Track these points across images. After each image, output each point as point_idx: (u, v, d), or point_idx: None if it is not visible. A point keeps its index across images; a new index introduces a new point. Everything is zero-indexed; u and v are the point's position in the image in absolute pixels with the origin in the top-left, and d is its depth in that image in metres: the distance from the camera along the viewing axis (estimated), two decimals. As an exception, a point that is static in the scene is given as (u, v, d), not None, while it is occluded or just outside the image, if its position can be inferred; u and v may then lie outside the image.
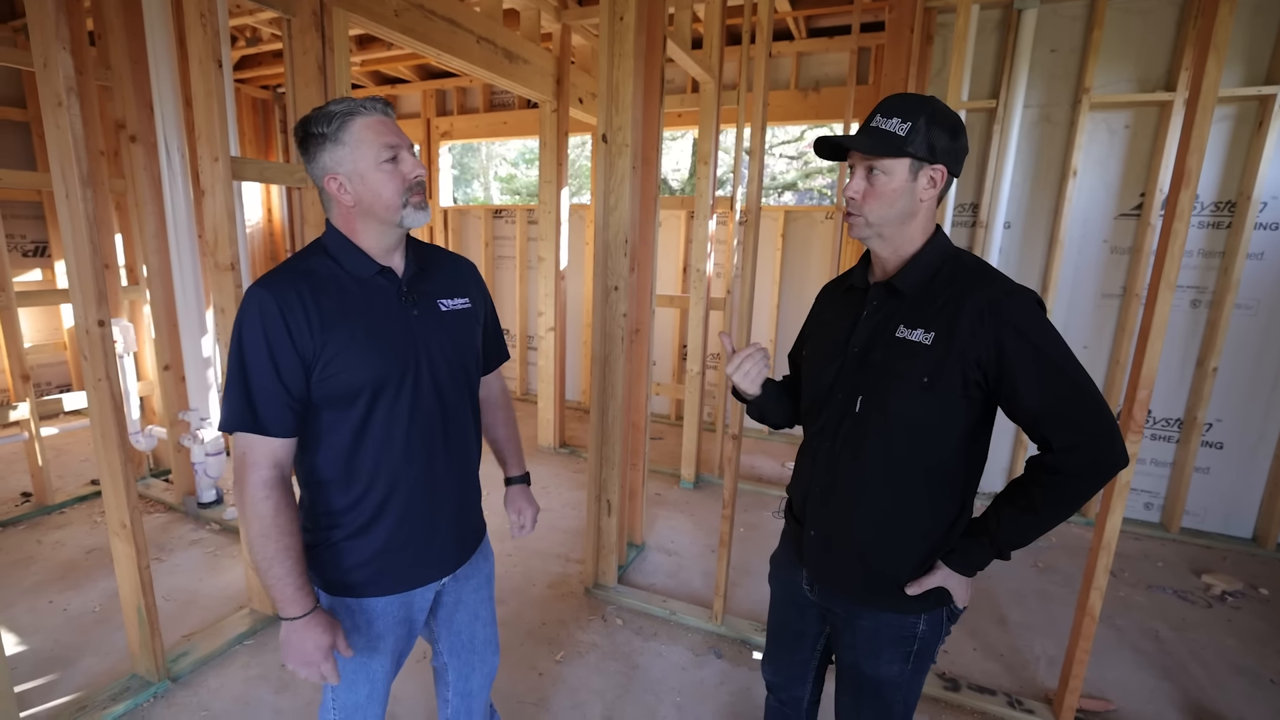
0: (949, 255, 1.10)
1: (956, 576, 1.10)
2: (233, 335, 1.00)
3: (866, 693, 1.21)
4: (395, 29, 2.56)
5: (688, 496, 3.64)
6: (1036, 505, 1.02)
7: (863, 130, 1.06)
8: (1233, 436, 3.16)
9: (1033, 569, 2.88)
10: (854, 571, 1.16)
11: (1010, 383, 0.99)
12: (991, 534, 1.07)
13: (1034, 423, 1.00)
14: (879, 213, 1.06)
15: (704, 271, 3.53)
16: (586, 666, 2.17)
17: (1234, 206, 2.98)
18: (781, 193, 12.02)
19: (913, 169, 1.03)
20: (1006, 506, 1.06)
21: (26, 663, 2.10)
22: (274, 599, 1.03)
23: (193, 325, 2.83)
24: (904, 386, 1.05)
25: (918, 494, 1.10)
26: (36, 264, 4.67)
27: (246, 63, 5.12)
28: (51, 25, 1.58)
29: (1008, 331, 0.98)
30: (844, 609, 1.19)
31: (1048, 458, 1.01)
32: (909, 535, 1.11)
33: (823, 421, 1.16)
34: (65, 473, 3.62)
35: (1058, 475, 0.99)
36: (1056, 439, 0.99)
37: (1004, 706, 1.99)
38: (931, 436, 1.06)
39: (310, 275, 1.05)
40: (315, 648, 1.04)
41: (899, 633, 1.15)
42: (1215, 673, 2.23)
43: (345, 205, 1.06)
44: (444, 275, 1.21)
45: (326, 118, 1.02)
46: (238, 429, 1.00)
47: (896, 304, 1.09)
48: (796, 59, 4.27)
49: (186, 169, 2.68)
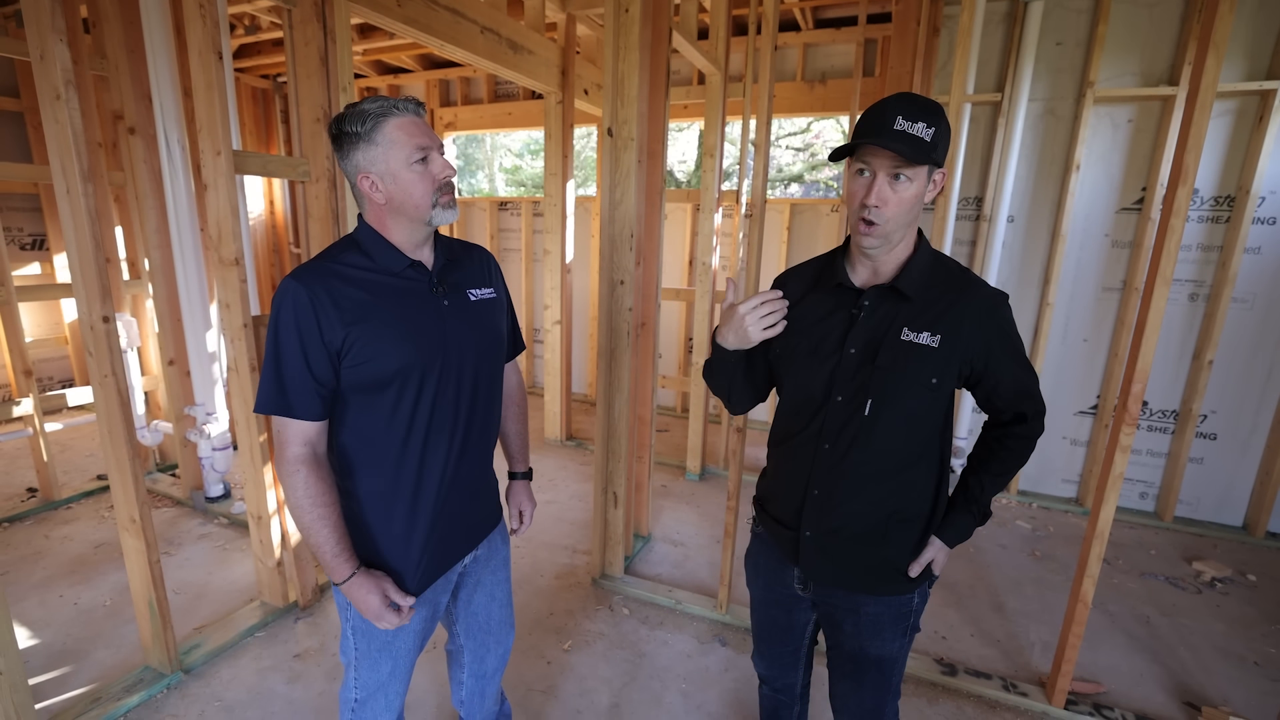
0: (934, 257, 1.15)
1: (946, 549, 1.20)
2: (269, 324, 1.06)
3: (869, 673, 1.26)
4: (398, 19, 2.54)
5: (693, 488, 3.67)
6: (1010, 467, 1.21)
7: (890, 134, 0.99)
8: (1226, 428, 3.20)
9: (1030, 558, 2.93)
10: (860, 564, 1.20)
11: (994, 374, 1.14)
12: (977, 501, 1.21)
13: (1012, 403, 1.17)
14: (899, 220, 1.04)
15: (709, 265, 3.54)
16: (594, 655, 2.20)
17: (1233, 201, 3.00)
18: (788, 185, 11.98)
19: (929, 173, 1.04)
20: (984, 474, 1.22)
21: (39, 656, 2.12)
22: (322, 566, 1.12)
23: (197, 320, 2.82)
24: (915, 388, 1.09)
25: (915, 482, 1.17)
26: (35, 257, 4.63)
27: (245, 51, 5.05)
28: (48, 17, 1.56)
29: (995, 332, 1.11)
30: (844, 600, 1.23)
31: (1020, 428, 1.19)
32: (911, 520, 1.18)
33: (821, 423, 1.15)
34: (70, 468, 3.62)
35: (1026, 439, 1.20)
36: (1029, 411, 1.18)
37: (999, 690, 2.05)
38: (925, 427, 1.14)
39: (342, 269, 1.09)
40: (367, 606, 1.12)
41: (899, 610, 1.22)
42: (1202, 656, 2.29)
43: (377, 203, 1.10)
44: (471, 267, 1.25)
45: (361, 117, 1.05)
46: (271, 412, 1.07)
47: (898, 307, 1.11)
48: (803, 50, 4.25)
49: (187, 162, 2.66)
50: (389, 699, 1.27)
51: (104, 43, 2.81)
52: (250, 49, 5.03)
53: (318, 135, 2.27)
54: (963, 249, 3.47)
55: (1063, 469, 3.53)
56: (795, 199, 4.70)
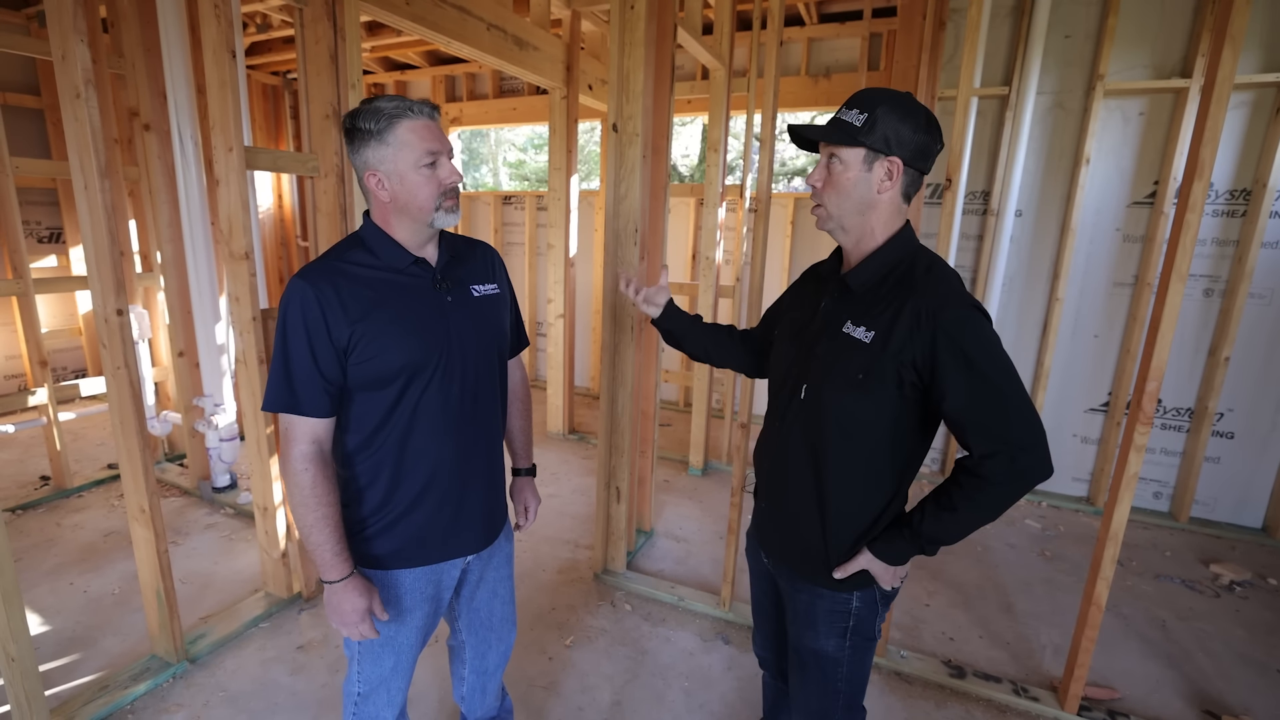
0: (908, 255, 1.11)
1: (879, 562, 1.14)
2: (278, 322, 1.08)
3: (809, 668, 1.24)
4: (406, 17, 2.55)
5: (696, 483, 3.66)
6: (956, 505, 1.05)
7: (831, 121, 1.09)
8: (1244, 426, 3.14)
9: (1040, 558, 2.89)
10: (791, 546, 1.23)
11: (939, 388, 1.02)
12: (914, 527, 1.10)
13: (956, 428, 1.04)
14: (836, 202, 1.10)
15: (713, 259, 3.53)
16: (596, 651, 2.20)
17: (1249, 194, 2.95)
18: (791, 178, 11.95)
19: (868, 159, 1.06)
20: (930, 504, 1.10)
21: (50, 643, 2.15)
22: (316, 563, 1.12)
23: (207, 312, 2.86)
24: (840, 381, 1.09)
25: (852, 481, 1.14)
26: (51, 250, 4.71)
27: (256, 48, 5.11)
28: (69, 18, 1.59)
29: (942, 339, 1.00)
30: (787, 581, 1.26)
31: (969, 461, 1.04)
32: (841, 518, 1.15)
33: (779, 403, 1.22)
34: (82, 456, 3.68)
35: (975, 479, 1.03)
36: (976, 446, 1.02)
37: (1009, 694, 2.01)
38: (867, 429, 1.10)
39: (347, 267, 1.11)
40: (353, 609, 1.12)
41: (833, 607, 1.20)
42: (1221, 662, 2.23)
43: (382, 200, 1.11)
44: (474, 263, 1.26)
45: (375, 115, 1.06)
46: (280, 410, 1.09)
47: (848, 299, 1.13)
48: (807, 44, 4.22)
49: (200, 157, 2.69)
50: (391, 694, 1.27)
51: (121, 42, 2.85)
52: (260, 46, 5.08)
53: (327, 131, 2.29)
54: (970, 243, 3.44)
55: (1073, 467, 3.48)
56: (799, 193, 4.68)
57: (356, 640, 1.19)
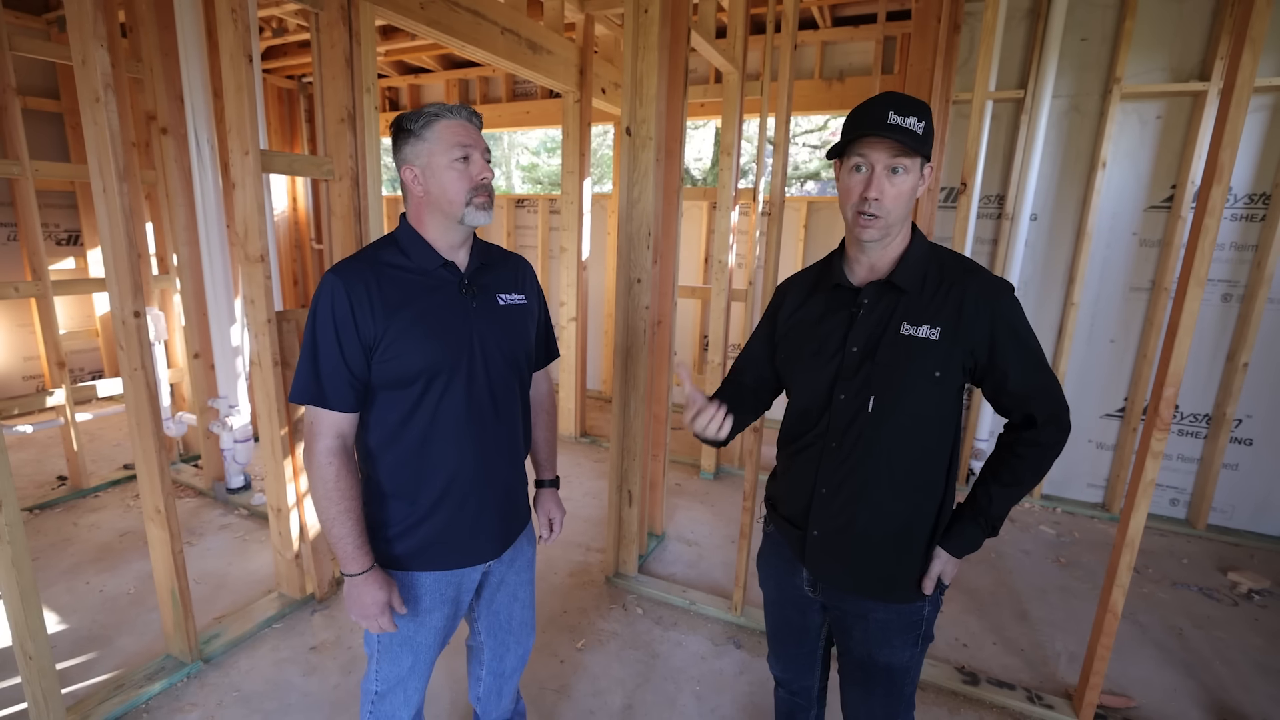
0: (927, 249, 1.14)
1: (954, 560, 1.16)
2: (308, 316, 1.10)
3: (879, 680, 1.23)
4: (421, 21, 2.57)
5: (708, 487, 3.65)
6: (1022, 478, 1.12)
7: (886, 128, 1.01)
8: (1263, 433, 3.10)
9: (1055, 564, 2.86)
10: (866, 567, 1.18)
11: (1000, 369, 1.08)
12: (985, 512, 1.14)
13: (1020, 402, 1.11)
14: (898, 213, 1.07)
15: (726, 263, 3.53)
16: (607, 654, 2.19)
17: (1268, 199, 2.91)
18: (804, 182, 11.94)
19: (921, 166, 1.08)
20: (991, 483, 1.14)
21: (67, 641, 2.17)
22: (337, 556, 1.13)
23: (222, 314, 2.89)
24: (918, 383, 1.08)
25: (919, 484, 1.14)
26: (70, 252, 4.77)
27: (272, 53, 5.16)
28: (90, 23, 1.61)
29: (1000, 323, 1.07)
30: (853, 605, 1.21)
31: (1028, 433, 1.11)
32: (915, 525, 1.16)
33: (827, 423, 1.16)
34: (98, 457, 3.72)
35: (1038, 448, 1.11)
36: (1039, 413, 1.10)
37: (1023, 701, 1.99)
38: (930, 426, 1.11)
39: (379, 265, 1.13)
40: (372, 602, 1.13)
41: (909, 619, 1.19)
42: (1240, 672, 2.20)
43: (416, 195, 1.14)
44: (504, 272, 1.28)
45: (418, 116, 1.11)
46: (306, 402, 1.10)
47: (895, 301, 1.11)
48: (821, 48, 4.22)
49: (216, 160, 2.72)
50: (408, 694, 1.28)
51: (140, 46, 2.89)
52: (276, 50, 5.14)
53: (341, 135, 2.30)
54: (984, 247, 3.42)
55: (1088, 473, 3.44)
56: (813, 197, 4.67)
57: (376, 633, 1.19)
